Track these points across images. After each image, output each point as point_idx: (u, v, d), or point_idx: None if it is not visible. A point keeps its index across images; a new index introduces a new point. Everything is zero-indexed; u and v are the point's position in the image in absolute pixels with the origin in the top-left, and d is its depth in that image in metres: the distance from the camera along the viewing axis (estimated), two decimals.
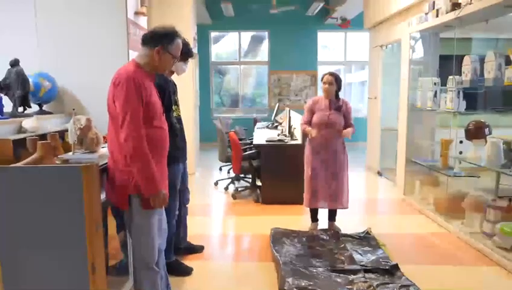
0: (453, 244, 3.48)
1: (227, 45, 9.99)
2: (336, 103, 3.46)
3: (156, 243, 2.10)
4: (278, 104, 7.78)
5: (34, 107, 3.30)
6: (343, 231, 3.54)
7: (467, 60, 3.70)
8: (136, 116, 1.86)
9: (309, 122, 3.51)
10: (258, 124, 7.35)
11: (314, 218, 3.68)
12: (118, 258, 2.47)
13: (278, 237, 3.41)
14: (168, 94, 2.60)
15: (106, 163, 2.07)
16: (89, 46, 3.50)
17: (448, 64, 4.12)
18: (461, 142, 4.00)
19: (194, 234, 3.43)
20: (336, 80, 3.42)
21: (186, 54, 2.61)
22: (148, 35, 2.03)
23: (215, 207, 4.81)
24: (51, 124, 3.06)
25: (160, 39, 1.99)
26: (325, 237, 3.39)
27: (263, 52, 9.61)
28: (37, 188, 1.85)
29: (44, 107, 3.44)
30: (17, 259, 1.88)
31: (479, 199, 3.61)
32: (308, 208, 3.69)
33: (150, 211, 2.02)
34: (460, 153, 3.97)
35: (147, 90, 1.92)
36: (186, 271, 2.87)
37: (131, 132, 1.85)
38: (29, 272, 1.88)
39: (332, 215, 3.66)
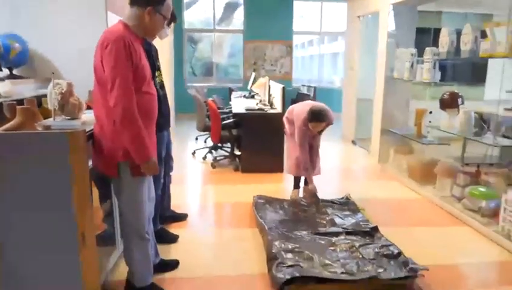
0: (425, 207, 3.69)
1: (199, 12, 9.64)
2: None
3: (146, 211, 2.08)
4: (254, 73, 7.70)
5: (4, 72, 3.09)
6: (323, 196, 3.65)
7: (444, 32, 3.80)
8: (126, 79, 1.77)
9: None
10: (234, 94, 7.29)
11: (297, 185, 3.77)
12: (101, 229, 2.43)
13: (261, 204, 3.48)
14: (151, 59, 2.51)
15: (92, 130, 1.99)
16: (64, 7, 3.25)
17: (423, 37, 4.22)
18: (431, 112, 4.22)
19: (176, 203, 3.42)
20: (327, 125, 3.37)
21: (171, 17, 2.50)
22: None
23: (195, 176, 4.80)
24: (25, 89, 2.88)
25: None
26: (306, 203, 3.49)
27: (238, 20, 9.36)
28: (21, 155, 1.76)
29: (15, 72, 3.22)
30: (5, 226, 1.81)
31: (450, 165, 3.82)
32: (292, 176, 3.77)
33: (140, 178, 1.99)
34: (430, 122, 4.19)
35: (136, 52, 1.83)
36: (173, 239, 2.90)
37: (121, 95, 1.77)
38: (19, 242, 1.83)
39: (306, 181, 3.76)
